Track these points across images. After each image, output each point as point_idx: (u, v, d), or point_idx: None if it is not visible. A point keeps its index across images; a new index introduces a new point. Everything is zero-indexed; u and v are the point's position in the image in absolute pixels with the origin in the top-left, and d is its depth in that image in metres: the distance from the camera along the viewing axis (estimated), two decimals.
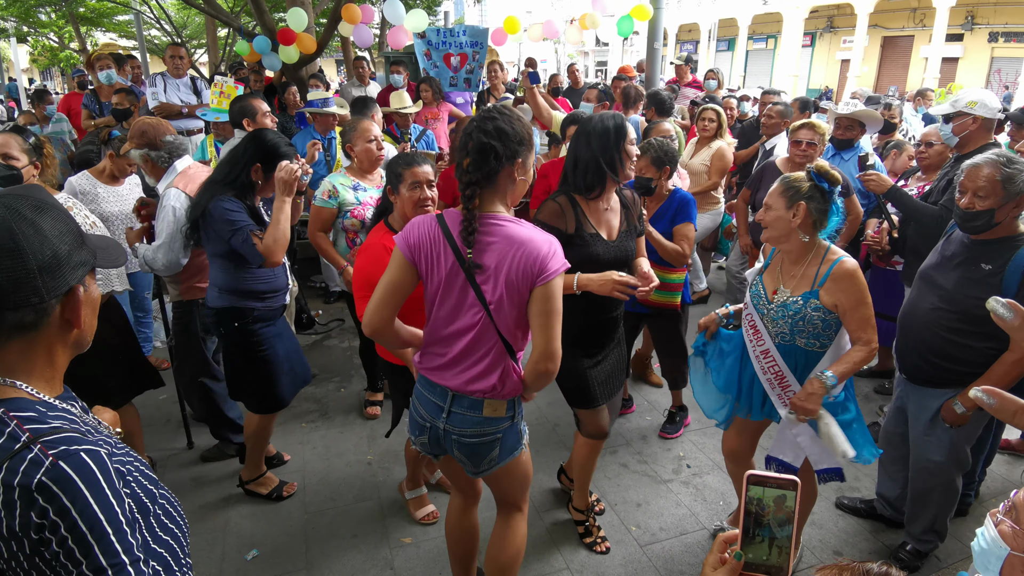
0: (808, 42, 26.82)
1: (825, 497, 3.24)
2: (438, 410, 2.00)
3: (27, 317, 1.01)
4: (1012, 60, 20.34)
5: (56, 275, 1.02)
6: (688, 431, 3.82)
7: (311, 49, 7.31)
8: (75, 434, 1.01)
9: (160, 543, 1.08)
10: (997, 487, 3.33)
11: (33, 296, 1.00)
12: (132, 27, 17.46)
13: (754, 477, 1.03)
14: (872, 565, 0.87)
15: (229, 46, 13.77)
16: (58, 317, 1.05)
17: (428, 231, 1.89)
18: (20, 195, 1.04)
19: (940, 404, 2.53)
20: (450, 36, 6.90)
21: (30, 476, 0.94)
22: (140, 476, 1.10)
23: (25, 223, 0.99)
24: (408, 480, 3.11)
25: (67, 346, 1.10)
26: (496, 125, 1.84)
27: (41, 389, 1.06)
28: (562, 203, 2.54)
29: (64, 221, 1.06)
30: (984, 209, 2.33)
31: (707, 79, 7.56)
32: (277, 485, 3.21)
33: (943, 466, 2.59)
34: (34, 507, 0.94)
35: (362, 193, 3.51)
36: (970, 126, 3.20)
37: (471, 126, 1.87)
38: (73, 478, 0.95)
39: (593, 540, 2.90)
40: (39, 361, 1.06)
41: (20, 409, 1.01)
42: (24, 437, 0.97)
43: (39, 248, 1.00)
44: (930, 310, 2.54)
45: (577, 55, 28.34)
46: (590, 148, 2.47)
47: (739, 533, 1.04)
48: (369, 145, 3.46)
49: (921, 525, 2.75)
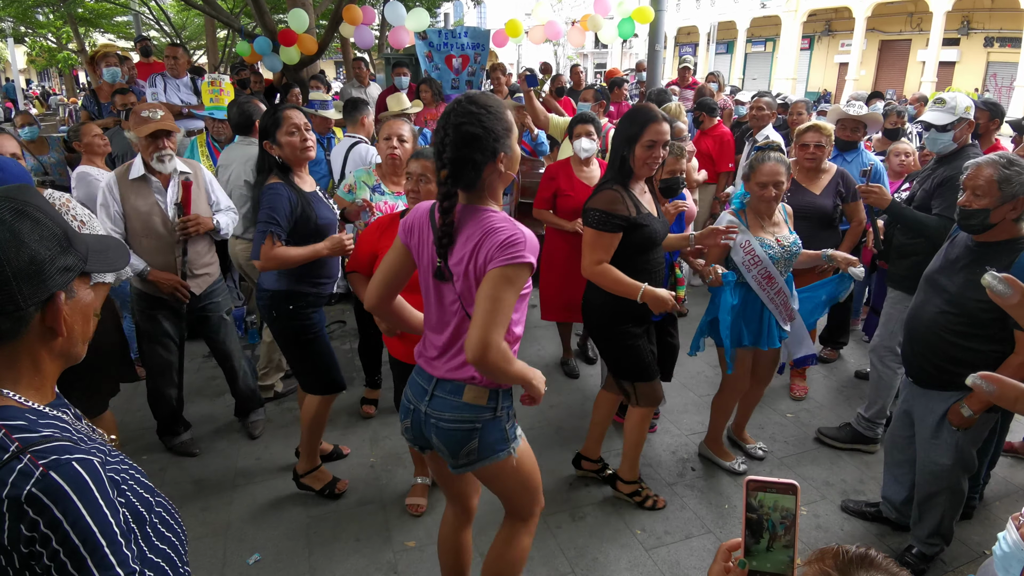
0: (806, 45, 26.93)
1: (830, 500, 3.23)
2: (423, 393, 1.98)
3: (3, 325, 0.97)
4: (1007, 65, 20.43)
5: (34, 281, 0.97)
6: (692, 434, 3.80)
7: (312, 50, 7.31)
8: (67, 443, 0.97)
9: (157, 552, 1.06)
10: (1001, 490, 3.32)
11: (8, 304, 0.95)
12: (131, 28, 17.43)
13: (754, 483, 1.02)
14: (850, 547, 0.88)
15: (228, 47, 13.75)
16: (38, 325, 1.01)
17: (420, 219, 1.92)
18: (1, 197, 1.00)
19: (946, 407, 2.52)
20: (451, 37, 6.90)
21: (19, 488, 0.90)
22: (135, 484, 1.07)
23: (2, 227, 0.95)
24: (417, 467, 3.21)
25: (53, 354, 1.06)
26: (466, 131, 1.71)
27: (30, 397, 1.02)
28: (617, 190, 2.73)
29: (47, 225, 1.01)
30: (980, 208, 2.34)
31: (708, 82, 7.58)
32: (330, 481, 3.21)
33: (950, 469, 2.58)
34: (24, 520, 0.90)
35: (378, 196, 3.40)
36: (967, 131, 3.21)
37: (442, 133, 1.75)
38: (64, 489, 0.92)
39: (653, 501, 3.16)
40: (24, 369, 1.02)
41: (8, 418, 0.97)
42: (13, 447, 0.94)
43: (15, 254, 0.95)
44: (936, 313, 2.54)
45: (576, 57, 28.35)
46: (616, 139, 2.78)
47: (741, 541, 1.04)
48: (386, 142, 3.31)
49: (927, 528, 2.74)
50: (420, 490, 3.15)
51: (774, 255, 3.03)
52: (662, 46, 7.00)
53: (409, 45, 7.31)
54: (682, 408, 4.10)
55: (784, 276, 3.09)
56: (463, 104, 1.75)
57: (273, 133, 2.84)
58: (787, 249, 3.06)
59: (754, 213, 3.11)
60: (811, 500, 3.24)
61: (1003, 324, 2.33)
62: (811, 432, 3.84)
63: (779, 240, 3.06)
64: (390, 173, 3.44)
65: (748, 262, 3.02)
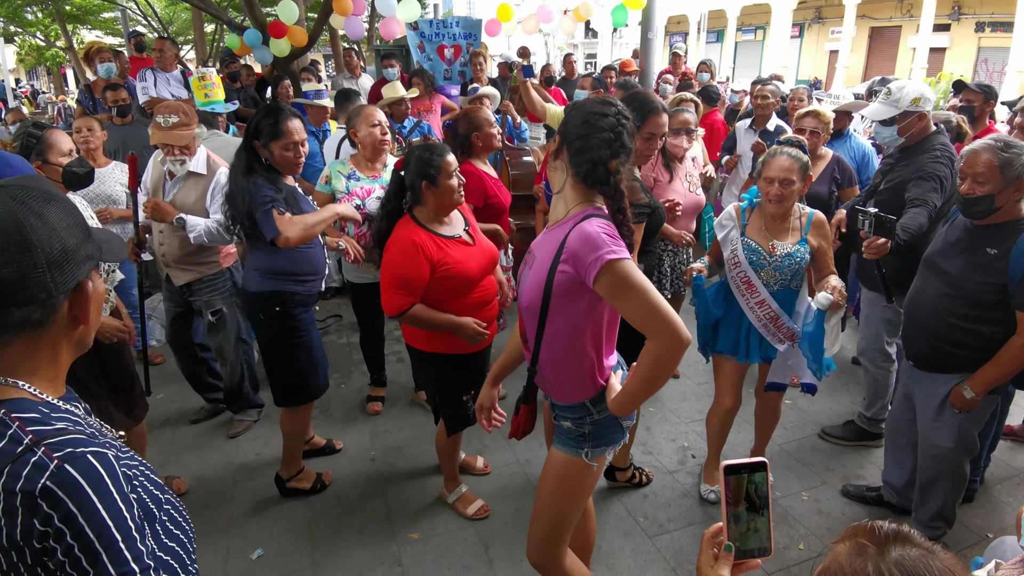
0: (796, 33, 26.86)
1: (831, 485, 3.24)
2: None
3: (34, 314, 0.96)
4: (999, 50, 20.44)
5: (65, 270, 0.97)
6: (692, 421, 3.80)
7: (302, 42, 7.23)
8: (81, 436, 0.96)
9: (166, 551, 1.04)
10: (1001, 473, 3.34)
11: (41, 292, 0.95)
12: (119, 24, 17.26)
13: (729, 467, 1.06)
14: (884, 523, 0.89)
15: (216, 42, 13.63)
16: (65, 313, 1.00)
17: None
18: (26, 186, 0.99)
19: (948, 390, 2.52)
20: (443, 27, 6.83)
21: (33, 481, 0.89)
22: (146, 481, 1.05)
23: (33, 215, 0.95)
24: (447, 482, 3.08)
25: (72, 344, 1.06)
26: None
27: (44, 389, 1.01)
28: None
29: (71, 213, 1.01)
30: (984, 195, 2.32)
31: (699, 71, 7.55)
32: (316, 477, 3.19)
33: (952, 452, 2.59)
34: (37, 514, 0.89)
35: (353, 183, 3.42)
36: (917, 124, 3.04)
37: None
38: (79, 482, 0.90)
39: (641, 476, 3.22)
40: (43, 360, 1.01)
41: (22, 410, 0.96)
42: (27, 440, 0.92)
43: (48, 241, 0.95)
44: (936, 296, 2.53)
45: (567, 47, 28.23)
46: None
47: (724, 525, 1.08)
48: (373, 129, 3.36)
49: (929, 511, 2.75)
50: (467, 496, 3.06)
51: (757, 261, 2.76)
52: (655, 34, 6.95)
53: (400, 36, 7.24)
54: (681, 396, 4.10)
55: (775, 289, 2.77)
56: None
57: (268, 139, 2.74)
58: (777, 259, 2.73)
59: (761, 213, 2.83)
60: (812, 486, 3.25)
61: (1005, 306, 2.33)
62: (810, 418, 3.85)
63: (773, 247, 2.75)
64: (372, 158, 3.46)
65: (730, 261, 2.84)
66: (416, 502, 3.13)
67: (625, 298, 1.63)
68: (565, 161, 1.77)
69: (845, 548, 0.88)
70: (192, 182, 3.27)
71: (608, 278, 1.62)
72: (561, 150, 1.78)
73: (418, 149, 2.58)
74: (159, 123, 3.13)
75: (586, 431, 1.87)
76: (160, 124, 3.13)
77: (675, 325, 1.60)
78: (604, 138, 1.69)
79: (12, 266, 0.92)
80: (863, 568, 0.83)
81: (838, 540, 0.92)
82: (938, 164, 2.96)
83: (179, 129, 3.14)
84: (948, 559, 0.83)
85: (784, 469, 3.39)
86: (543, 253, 1.79)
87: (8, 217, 0.93)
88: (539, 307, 1.77)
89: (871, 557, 0.84)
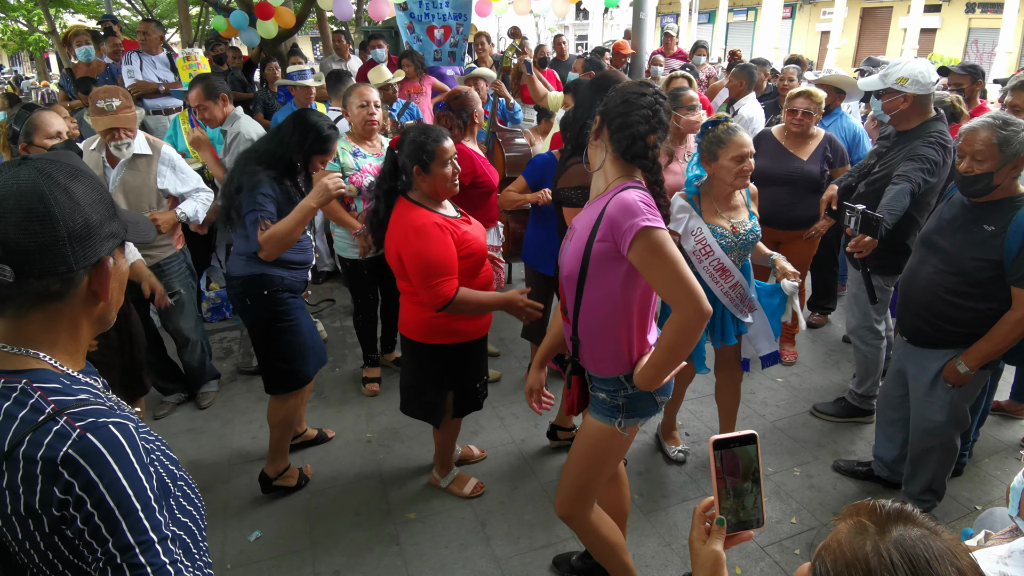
0: (788, 14, 26.76)
1: (823, 460, 3.28)
2: None
3: (53, 286, 0.97)
4: (989, 31, 20.45)
5: (86, 244, 0.98)
6: (686, 400, 3.82)
7: (290, 23, 7.14)
8: (102, 407, 0.97)
9: (179, 525, 1.05)
10: (990, 447, 3.39)
11: (61, 264, 0.96)
12: (101, 7, 16.95)
13: (718, 441, 1.08)
14: (886, 502, 0.89)
15: (201, 24, 13.42)
16: (85, 288, 1.01)
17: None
18: (54, 160, 1.00)
19: (941, 365, 2.55)
20: (433, 7, 6.74)
21: (55, 449, 0.90)
22: (162, 456, 1.06)
23: (58, 189, 0.96)
24: (439, 468, 3.07)
25: (92, 319, 1.06)
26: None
27: (64, 362, 1.02)
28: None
29: (97, 190, 1.02)
30: (983, 172, 2.33)
31: (695, 53, 7.53)
32: (299, 473, 3.11)
33: (944, 426, 2.62)
34: (58, 482, 0.89)
35: (361, 159, 3.48)
36: (900, 104, 3.00)
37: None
38: (101, 451, 0.91)
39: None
40: (63, 333, 1.02)
41: (44, 380, 0.97)
42: (49, 408, 0.94)
43: (71, 215, 0.96)
44: (932, 273, 2.54)
45: (557, 28, 27.98)
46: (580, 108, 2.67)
47: (715, 499, 1.09)
48: (362, 109, 3.42)
49: (919, 485, 2.79)
50: (461, 477, 3.08)
51: (726, 244, 2.72)
52: (646, 14, 6.89)
53: (389, 17, 7.15)
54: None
55: (740, 265, 2.79)
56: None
57: (311, 153, 2.74)
58: (742, 237, 2.73)
59: (712, 197, 2.76)
60: (804, 461, 3.29)
61: (1000, 282, 2.35)
62: (802, 395, 3.88)
63: (735, 227, 2.73)
64: (364, 135, 3.52)
65: (699, 252, 2.73)
66: (413, 482, 3.14)
67: (655, 267, 1.69)
68: (605, 139, 1.85)
69: (846, 526, 0.88)
70: (138, 163, 3.22)
71: (642, 244, 1.68)
72: (602, 130, 1.86)
73: (413, 130, 2.49)
74: (102, 108, 3.01)
75: (620, 403, 1.95)
76: (104, 109, 3.01)
77: (699, 298, 1.67)
78: (643, 115, 1.78)
79: (33, 237, 0.93)
80: (862, 547, 0.83)
81: (840, 517, 0.92)
82: (930, 148, 2.95)
83: (124, 111, 3.07)
84: (951, 540, 0.83)
85: (776, 445, 3.42)
86: (583, 224, 1.86)
87: (32, 189, 0.94)
88: (578, 276, 1.84)
89: (871, 536, 0.84)
